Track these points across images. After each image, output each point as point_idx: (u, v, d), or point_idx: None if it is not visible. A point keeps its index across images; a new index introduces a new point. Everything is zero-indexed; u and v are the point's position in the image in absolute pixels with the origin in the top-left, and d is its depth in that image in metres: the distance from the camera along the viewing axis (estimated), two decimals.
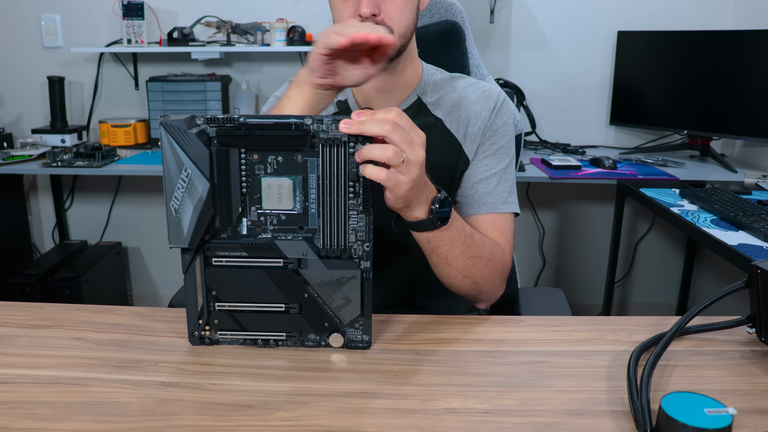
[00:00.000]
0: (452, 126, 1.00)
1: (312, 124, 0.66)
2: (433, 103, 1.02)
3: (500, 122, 1.00)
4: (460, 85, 1.03)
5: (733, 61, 2.07)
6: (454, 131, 1.00)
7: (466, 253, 0.85)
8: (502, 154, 1.00)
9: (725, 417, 0.53)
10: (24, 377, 0.66)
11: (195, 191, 0.66)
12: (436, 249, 0.82)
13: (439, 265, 0.86)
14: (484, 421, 0.58)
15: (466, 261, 0.85)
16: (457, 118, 1.00)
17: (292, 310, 0.70)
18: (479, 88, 1.03)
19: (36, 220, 2.64)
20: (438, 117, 1.01)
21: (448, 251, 0.83)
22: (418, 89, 1.02)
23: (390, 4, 0.91)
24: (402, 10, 0.92)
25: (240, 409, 0.60)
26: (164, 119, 0.65)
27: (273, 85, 2.46)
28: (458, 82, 1.04)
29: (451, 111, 1.01)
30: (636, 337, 0.74)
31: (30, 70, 2.45)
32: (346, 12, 0.92)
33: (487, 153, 0.99)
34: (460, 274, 0.86)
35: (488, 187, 0.98)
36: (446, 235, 0.81)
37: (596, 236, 2.54)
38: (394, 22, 0.92)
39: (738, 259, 1.27)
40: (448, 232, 0.81)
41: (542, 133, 2.44)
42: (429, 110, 1.01)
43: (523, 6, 2.36)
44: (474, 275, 0.87)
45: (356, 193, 0.67)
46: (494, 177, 0.99)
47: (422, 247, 0.83)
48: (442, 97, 1.02)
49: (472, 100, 1.01)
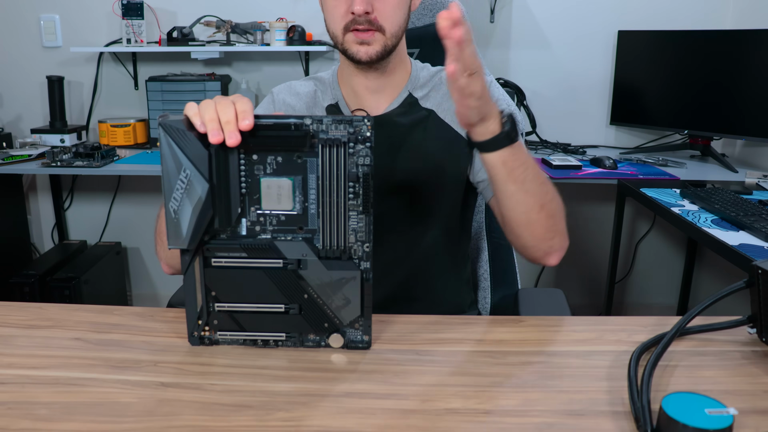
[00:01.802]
0: (446, 116, 1.01)
1: (312, 124, 0.66)
2: (423, 97, 1.02)
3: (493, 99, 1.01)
4: (444, 76, 1.03)
5: (734, 60, 2.07)
6: (449, 121, 1.01)
7: (538, 177, 0.83)
8: None
9: (726, 417, 0.53)
10: (23, 377, 0.65)
11: (194, 192, 0.66)
12: (513, 171, 0.80)
13: (517, 195, 0.82)
14: (484, 421, 0.58)
15: (539, 186, 0.83)
16: (449, 108, 1.01)
17: (292, 310, 0.70)
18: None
19: (35, 220, 2.64)
20: (429, 108, 1.01)
21: (525, 173, 0.81)
22: (409, 85, 1.02)
23: (383, 2, 0.91)
24: (395, 9, 0.92)
25: (240, 409, 0.60)
26: (163, 120, 0.65)
27: (273, 85, 2.43)
28: (443, 73, 1.04)
29: (442, 102, 1.02)
30: (636, 337, 0.74)
31: (29, 69, 2.45)
32: (338, 9, 0.92)
33: None
34: (537, 204, 0.83)
35: None
36: (520, 153, 0.80)
37: (596, 236, 2.53)
38: (387, 21, 0.92)
39: (739, 259, 1.27)
40: (521, 150, 0.80)
41: (542, 133, 2.44)
42: (420, 104, 1.02)
43: (523, 6, 2.36)
44: (548, 205, 0.84)
45: (356, 193, 0.67)
46: None
47: (498, 176, 0.81)
48: (432, 89, 1.03)
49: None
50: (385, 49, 0.94)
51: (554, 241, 0.88)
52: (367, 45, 0.93)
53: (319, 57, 2.42)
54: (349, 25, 0.92)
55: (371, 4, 0.90)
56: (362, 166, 0.67)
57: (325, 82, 1.06)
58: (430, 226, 1.01)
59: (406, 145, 0.99)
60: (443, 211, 1.02)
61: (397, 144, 0.99)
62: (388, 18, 0.92)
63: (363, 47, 0.93)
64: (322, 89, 1.05)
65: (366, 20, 0.91)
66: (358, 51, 0.93)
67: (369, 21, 0.91)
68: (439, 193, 1.00)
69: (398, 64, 1.00)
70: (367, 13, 0.90)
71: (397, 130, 0.99)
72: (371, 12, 0.90)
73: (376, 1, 0.90)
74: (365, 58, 0.93)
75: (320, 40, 2.33)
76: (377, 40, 0.93)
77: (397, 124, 1.00)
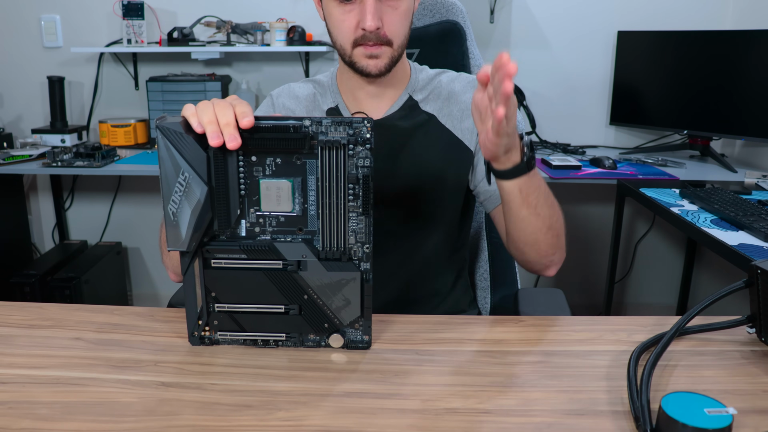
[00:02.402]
0: (447, 121, 1.01)
1: (311, 125, 0.66)
2: (423, 100, 1.02)
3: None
4: (444, 80, 1.04)
5: (733, 61, 2.07)
6: (450, 127, 1.01)
7: (548, 199, 0.85)
8: None
9: (725, 417, 0.53)
10: (24, 377, 0.65)
11: (193, 195, 0.66)
12: (528, 197, 0.82)
13: (529, 218, 0.84)
14: (484, 421, 0.58)
15: (549, 209, 0.85)
16: (450, 113, 1.01)
17: (292, 311, 0.70)
18: (463, 79, 1.04)
19: (36, 220, 2.64)
20: (430, 113, 1.01)
21: (537, 198, 0.83)
22: (409, 88, 1.02)
23: (391, 15, 0.91)
24: (402, 21, 0.92)
25: (240, 409, 0.60)
26: (160, 122, 0.64)
27: (273, 85, 2.46)
28: (442, 77, 1.04)
29: (443, 106, 1.02)
30: (636, 337, 0.74)
31: (30, 70, 2.45)
32: (346, 24, 0.91)
33: None
34: (545, 225, 0.86)
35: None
36: (535, 179, 0.81)
37: (596, 236, 2.54)
38: (395, 34, 0.92)
39: (738, 259, 1.27)
40: (536, 176, 0.81)
41: (542, 133, 2.44)
42: (420, 107, 1.02)
43: (523, 6, 2.36)
44: (554, 225, 0.87)
45: (356, 194, 0.67)
46: None
47: (512, 202, 0.83)
48: (431, 92, 1.03)
49: (460, 91, 1.02)
50: (392, 61, 0.94)
51: (555, 256, 0.91)
52: (376, 59, 0.92)
53: (319, 57, 2.42)
54: (358, 39, 0.91)
55: (380, 19, 0.89)
56: (362, 168, 0.67)
57: (324, 85, 1.06)
58: (430, 231, 1.01)
59: (406, 151, 0.99)
60: (444, 216, 1.02)
61: (398, 149, 0.99)
62: (396, 31, 0.92)
63: (372, 61, 0.92)
64: (321, 92, 1.05)
65: (375, 35, 0.90)
66: (368, 65, 0.93)
67: (378, 36, 0.90)
68: (439, 200, 1.00)
69: (398, 68, 1.00)
70: (378, 28, 0.89)
71: (397, 134, 0.99)
72: (381, 27, 0.90)
73: (385, 14, 0.90)
74: (375, 72, 0.93)
75: (320, 40, 2.33)
76: (385, 53, 0.92)
77: (398, 127, 0.99)
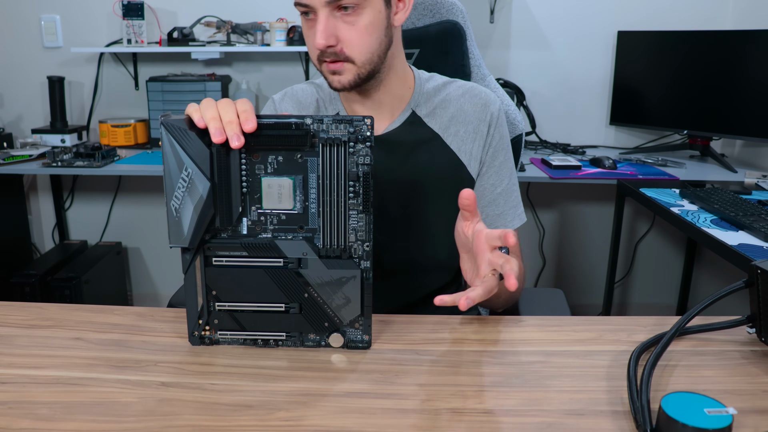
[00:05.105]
0: (452, 142, 0.99)
1: (312, 123, 0.66)
2: (428, 115, 0.99)
3: (498, 136, 1.00)
4: (453, 93, 1.00)
5: (733, 61, 2.07)
6: (455, 148, 0.99)
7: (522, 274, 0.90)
8: (504, 170, 1.01)
9: (725, 417, 0.53)
10: (24, 377, 0.65)
11: (195, 191, 0.66)
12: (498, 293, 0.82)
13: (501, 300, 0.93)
14: (484, 421, 0.58)
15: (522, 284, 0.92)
16: (456, 133, 0.99)
17: (292, 310, 0.70)
18: (474, 96, 1.00)
19: (36, 220, 2.64)
20: (435, 131, 0.99)
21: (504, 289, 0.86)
22: (412, 102, 0.99)
23: (347, 32, 0.86)
24: (362, 37, 0.87)
25: (240, 409, 0.60)
26: (165, 119, 0.65)
27: (273, 85, 2.46)
28: (451, 88, 1.01)
29: (449, 125, 0.99)
30: (636, 337, 0.74)
31: (30, 70, 2.45)
32: (310, 41, 0.90)
33: (490, 171, 1.00)
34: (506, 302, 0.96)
35: (496, 209, 1.00)
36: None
37: (596, 236, 2.54)
38: (354, 51, 0.88)
39: (738, 259, 1.27)
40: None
41: (542, 133, 2.44)
42: (425, 123, 0.99)
43: (523, 6, 2.36)
44: (514, 295, 0.96)
45: (356, 192, 0.67)
46: (500, 197, 1.00)
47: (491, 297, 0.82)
48: (437, 107, 1.00)
49: (469, 111, 0.99)
50: (358, 78, 0.90)
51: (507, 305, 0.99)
52: (339, 75, 0.90)
53: None
54: (320, 56, 0.89)
55: (334, 36, 0.86)
56: (362, 166, 0.67)
57: (325, 90, 1.04)
58: (430, 244, 1.00)
59: (407, 168, 0.97)
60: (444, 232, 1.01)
61: (398, 165, 0.97)
62: (355, 48, 0.87)
63: (336, 77, 0.90)
64: (323, 97, 1.03)
65: (332, 52, 0.88)
66: (333, 80, 0.91)
67: (335, 53, 0.88)
68: (440, 218, 0.99)
69: (395, 79, 0.97)
70: (331, 46, 0.87)
71: (397, 150, 0.97)
72: (335, 44, 0.87)
73: (341, 31, 0.86)
74: (339, 87, 0.91)
75: None
76: (348, 69, 0.89)
77: (398, 143, 0.97)
